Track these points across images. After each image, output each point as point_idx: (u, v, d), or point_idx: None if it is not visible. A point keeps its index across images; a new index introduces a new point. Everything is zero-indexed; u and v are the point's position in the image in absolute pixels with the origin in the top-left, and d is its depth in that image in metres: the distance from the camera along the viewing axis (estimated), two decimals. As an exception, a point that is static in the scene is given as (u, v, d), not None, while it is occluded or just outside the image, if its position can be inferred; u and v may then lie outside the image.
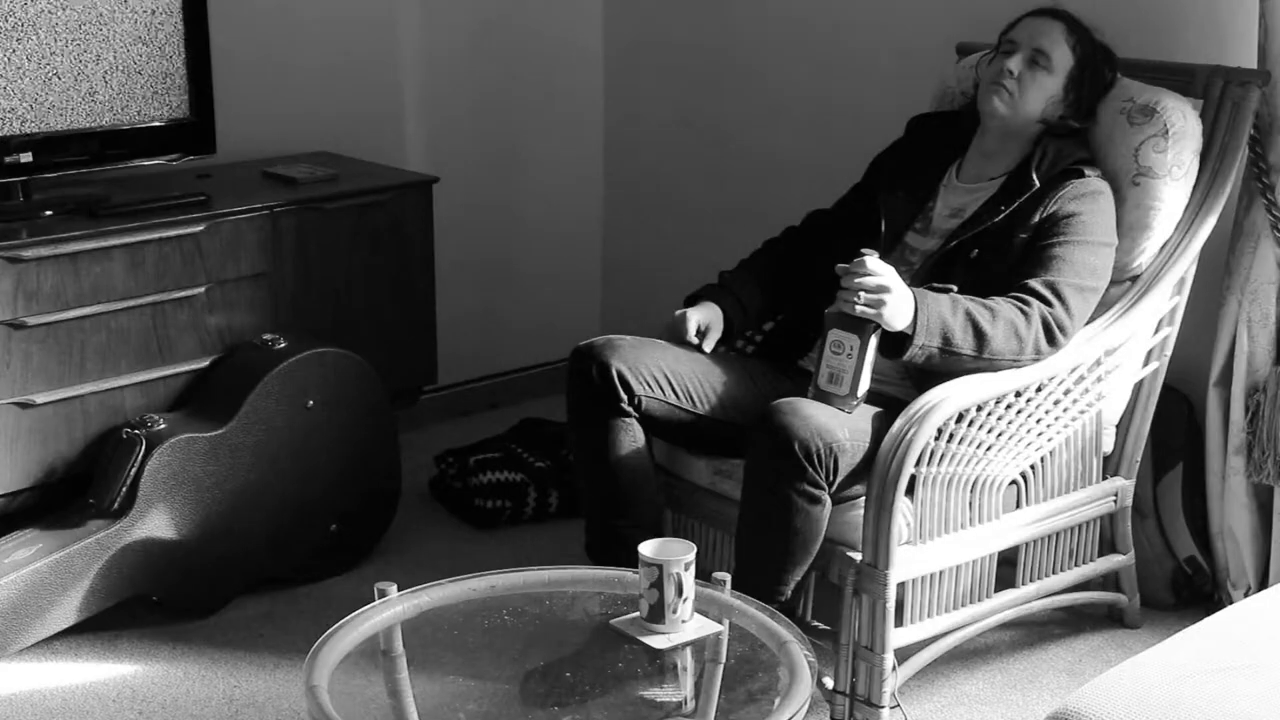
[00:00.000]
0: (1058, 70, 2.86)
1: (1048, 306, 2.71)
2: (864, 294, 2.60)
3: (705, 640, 2.21)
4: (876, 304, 2.60)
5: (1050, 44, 2.86)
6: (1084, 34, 2.90)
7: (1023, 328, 2.69)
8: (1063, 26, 2.89)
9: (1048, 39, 2.87)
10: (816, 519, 2.59)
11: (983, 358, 2.67)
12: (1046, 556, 2.93)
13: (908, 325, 2.63)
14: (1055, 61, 2.86)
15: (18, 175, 3.10)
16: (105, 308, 3.07)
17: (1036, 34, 2.88)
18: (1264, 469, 3.01)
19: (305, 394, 3.20)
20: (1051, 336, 2.71)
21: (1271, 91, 2.92)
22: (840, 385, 2.62)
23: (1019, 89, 2.86)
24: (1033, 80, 2.86)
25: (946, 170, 3.00)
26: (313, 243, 3.38)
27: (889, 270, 2.63)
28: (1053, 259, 2.75)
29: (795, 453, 2.54)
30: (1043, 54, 2.86)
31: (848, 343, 2.62)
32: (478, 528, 3.58)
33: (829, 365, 2.63)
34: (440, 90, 4.02)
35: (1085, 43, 2.90)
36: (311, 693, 2.00)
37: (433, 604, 2.26)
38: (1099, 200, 2.82)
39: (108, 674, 2.94)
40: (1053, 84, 2.87)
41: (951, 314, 2.66)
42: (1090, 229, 2.78)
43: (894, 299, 2.60)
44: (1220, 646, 1.99)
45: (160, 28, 3.21)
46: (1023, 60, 2.86)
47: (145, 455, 3.00)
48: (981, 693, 2.91)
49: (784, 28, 3.94)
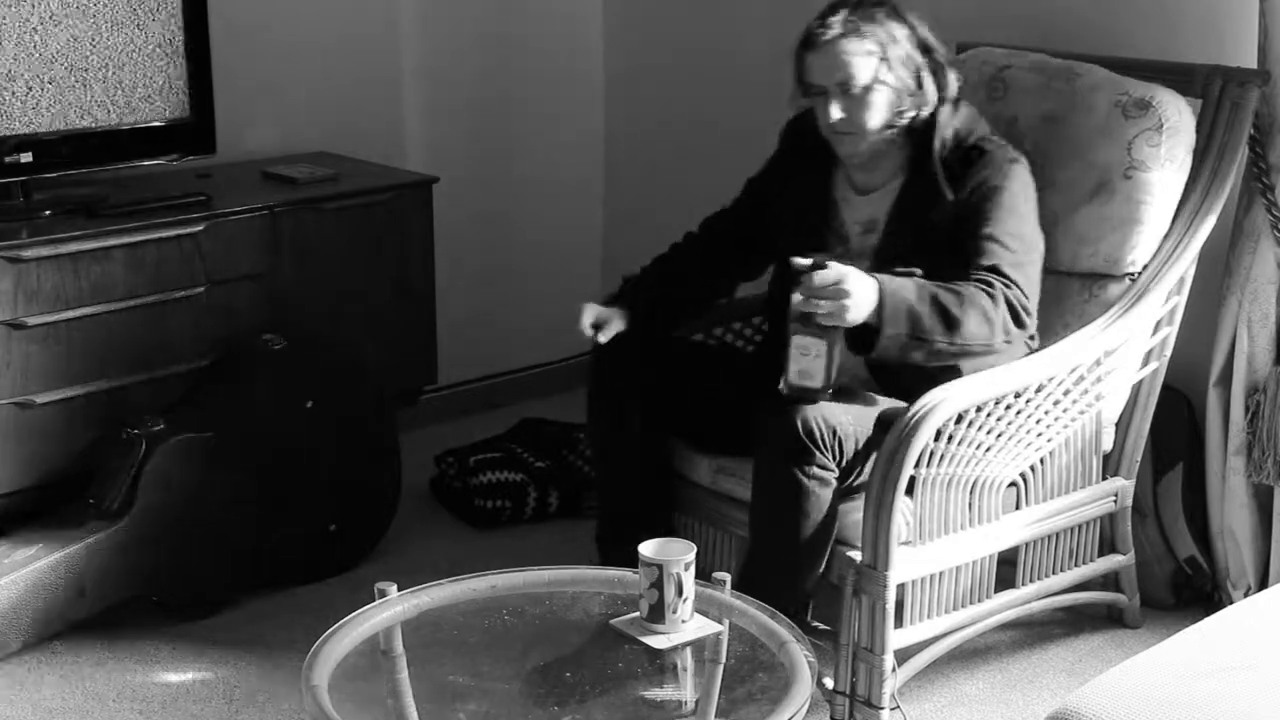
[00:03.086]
0: (875, 82, 2.68)
1: (1008, 288, 2.64)
2: (824, 303, 2.53)
3: (705, 640, 2.20)
4: (838, 310, 2.53)
5: (848, 70, 2.67)
6: (870, 28, 2.68)
7: (991, 310, 2.61)
8: (844, 44, 2.67)
9: (842, 69, 2.67)
10: (826, 500, 2.60)
11: (954, 344, 2.59)
12: (1046, 557, 2.93)
13: (872, 317, 2.56)
14: (866, 78, 2.67)
15: (18, 175, 3.11)
16: (105, 308, 3.07)
17: (830, 70, 2.68)
18: (1264, 469, 3.01)
19: (305, 394, 3.20)
20: (1018, 318, 2.64)
21: (1271, 91, 2.92)
22: (813, 380, 2.60)
23: (854, 124, 2.70)
24: (860, 107, 2.69)
25: (831, 181, 2.87)
26: (313, 243, 3.38)
27: (847, 271, 2.55)
28: (987, 241, 2.66)
29: (800, 436, 2.56)
30: (848, 83, 2.67)
31: (813, 347, 2.59)
32: (478, 528, 3.58)
33: (798, 365, 2.60)
34: (440, 90, 4.02)
35: (878, 37, 2.68)
36: (311, 693, 2.00)
37: (433, 604, 2.26)
38: (1013, 169, 2.72)
39: (108, 674, 2.94)
40: (880, 95, 2.69)
41: (918, 300, 2.58)
42: (1013, 202, 2.69)
43: (855, 300, 2.53)
44: (1220, 646, 2.00)
45: (160, 28, 3.21)
46: (837, 101, 2.69)
47: (145, 455, 3.00)
48: (981, 693, 2.91)
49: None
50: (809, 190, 2.88)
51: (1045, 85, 3.03)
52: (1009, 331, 2.64)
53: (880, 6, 2.72)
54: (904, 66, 2.70)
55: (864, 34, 2.67)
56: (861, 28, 2.67)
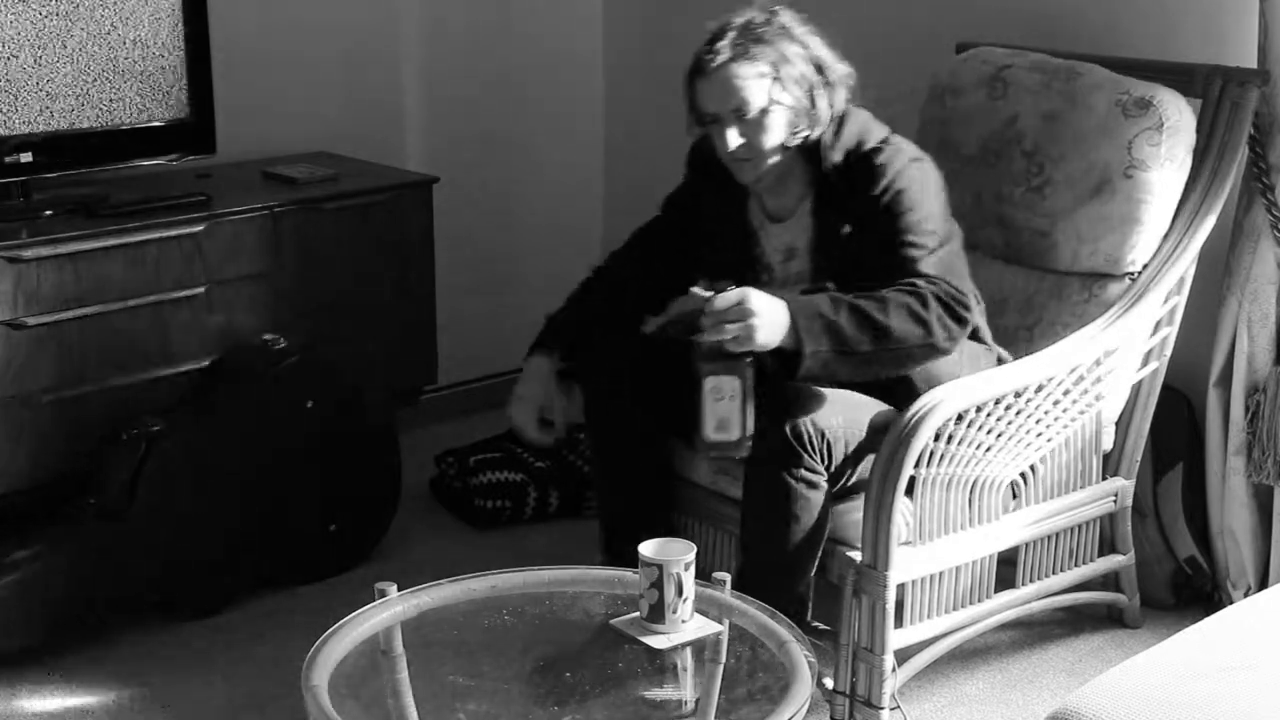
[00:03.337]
0: (770, 104, 2.60)
1: (932, 285, 2.56)
2: (729, 327, 2.44)
3: (705, 640, 2.21)
4: (746, 332, 2.44)
5: (741, 95, 2.58)
6: (760, 50, 2.60)
7: (919, 308, 2.52)
8: (735, 68, 2.58)
9: (735, 95, 2.58)
10: (815, 503, 2.59)
11: (888, 350, 2.52)
12: (1046, 557, 2.93)
13: (789, 339, 2.48)
14: (761, 101, 2.59)
15: (18, 175, 3.10)
16: (105, 308, 3.07)
17: (723, 97, 2.59)
18: (1264, 469, 3.01)
19: (305, 394, 3.20)
20: (955, 313, 2.56)
21: (1271, 91, 2.92)
22: (730, 430, 2.47)
23: (753, 149, 2.62)
24: (757, 131, 2.61)
25: (746, 211, 2.79)
26: (313, 243, 3.38)
27: (748, 291, 2.47)
28: (901, 248, 2.59)
29: (788, 439, 2.54)
30: (743, 108, 2.59)
31: (727, 386, 2.45)
32: (478, 528, 3.58)
33: (713, 414, 2.47)
34: (440, 91, 4.02)
35: (769, 58, 2.60)
36: (311, 693, 2.00)
37: (433, 604, 2.26)
38: (912, 169, 2.64)
39: (108, 674, 2.94)
40: (777, 118, 2.61)
41: (833, 311, 2.50)
42: (918, 199, 2.61)
43: (763, 320, 2.45)
44: (1220, 646, 2.00)
45: (160, 28, 3.21)
46: (733, 128, 2.60)
47: (145, 455, 3.00)
48: (981, 693, 2.91)
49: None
50: (725, 222, 2.81)
51: (1046, 84, 3.03)
52: (949, 328, 2.56)
53: (769, 25, 2.63)
54: (798, 86, 2.61)
55: (754, 56, 2.59)
56: (751, 50, 2.59)
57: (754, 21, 2.63)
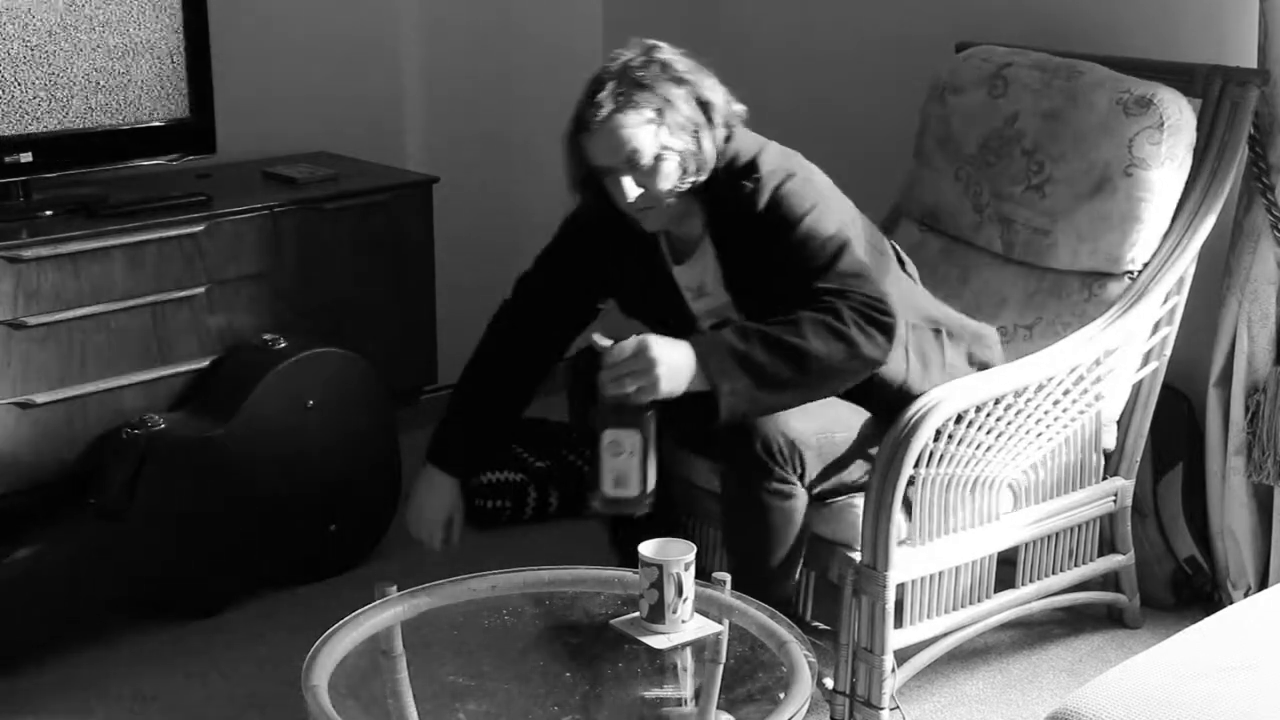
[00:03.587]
0: (662, 149, 2.52)
1: (843, 298, 2.48)
2: (631, 378, 2.36)
3: (705, 640, 2.21)
4: (649, 380, 2.36)
5: (632, 144, 2.51)
6: (642, 96, 2.52)
7: (836, 323, 2.45)
8: (620, 119, 2.51)
9: (625, 145, 2.51)
10: (791, 514, 2.59)
11: (813, 372, 2.44)
12: (1046, 556, 2.93)
13: (698, 380, 2.41)
14: (652, 148, 2.52)
15: (18, 175, 3.10)
16: (105, 308, 3.07)
17: (614, 150, 2.52)
18: (1264, 469, 3.01)
19: (305, 394, 3.20)
20: (874, 319, 2.48)
21: (1271, 91, 2.92)
22: (628, 487, 2.34)
23: (652, 197, 2.55)
24: (653, 179, 2.53)
25: (658, 254, 2.73)
26: (313, 243, 3.38)
27: (646, 338, 2.39)
28: (797, 270, 2.53)
29: (758, 452, 2.53)
30: (635, 159, 2.51)
31: (627, 441, 2.33)
32: (478, 528, 3.58)
33: (612, 470, 2.33)
34: (440, 91, 4.02)
35: (653, 104, 2.52)
36: (311, 693, 2.00)
37: (433, 604, 2.26)
38: (786, 185, 2.56)
39: (108, 674, 2.94)
40: (670, 163, 2.53)
41: (743, 343, 2.43)
42: (804, 215, 2.54)
43: (666, 367, 2.37)
44: (1220, 646, 2.00)
45: (160, 28, 3.21)
46: (629, 178, 2.53)
47: (145, 455, 3.00)
48: (981, 693, 2.91)
49: (783, 28, 3.94)
50: (639, 268, 2.73)
51: (1046, 83, 3.03)
52: (872, 335, 2.48)
53: (648, 68, 2.55)
54: (683, 131, 2.53)
55: (639, 104, 2.52)
56: (634, 98, 2.52)
57: (632, 65, 2.56)
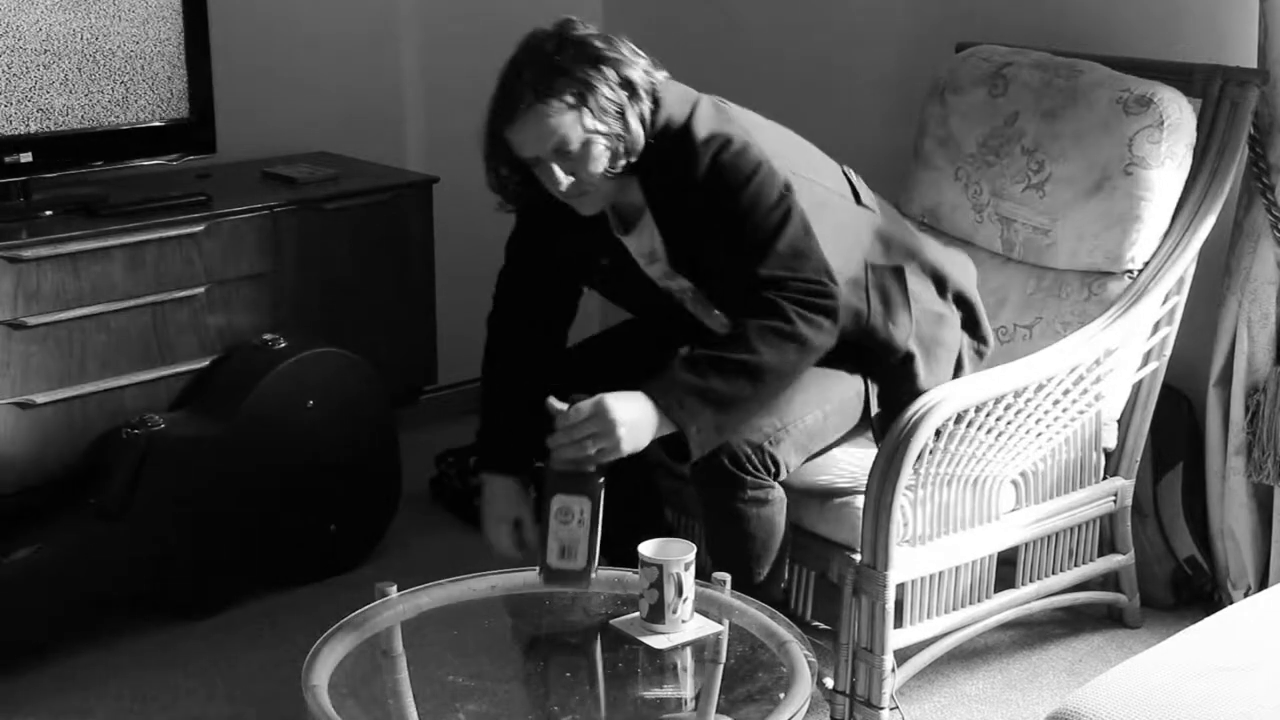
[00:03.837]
0: (589, 136, 2.44)
1: (782, 289, 2.45)
2: (592, 441, 2.28)
3: (705, 640, 2.21)
4: (611, 442, 2.30)
5: (558, 132, 2.42)
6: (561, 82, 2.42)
7: (783, 325, 2.43)
8: (542, 108, 2.41)
9: (551, 134, 2.42)
10: (769, 517, 2.58)
11: (769, 383, 2.44)
12: (1046, 556, 2.93)
13: (663, 426, 2.37)
14: (578, 136, 2.43)
15: (18, 175, 3.10)
16: (105, 308, 3.07)
17: (539, 139, 2.44)
18: (1264, 469, 3.01)
19: (305, 394, 3.20)
20: (818, 306, 2.46)
21: (1271, 91, 2.92)
22: (575, 559, 2.24)
23: (585, 183, 2.48)
24: (583, 163, 2.45)
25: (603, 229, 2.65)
26: (313, 243, 3.38)
27: (602, 398, 2.32)
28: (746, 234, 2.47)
29: (727, 467, 2.51)
30: (562, 147, 2.43)
31: (576, 507, 2.23)
32: (478, 528, 3.57)
33: (559, 538, 2.23)
34: (440, 90, 4.02)
35: (573, 88, 2.43)
36: (311, 693, 2.00)
37: (433, 604, 2.26)
38: (730, 147, 2.49)
39: (108, 674, 2.94)
40: (599, 146, 2.45)
41: (699, 377, 2.39)
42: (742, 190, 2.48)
43: (628, 425, 2.31)
44: (1220, 646, 2.00)
45: (160, 28, 3.21)
46: (559, 166, 2.46)
47: (145, 455, 3.00)
48: (981, 693, 2.91)
49: (784, 27, 3.94)
50: (593, 241, 2.67)
51: (1046, 82, 3.03)
52: (818, 323, 2.47)
53: (563, 51, 2.46)
54: (606, 113, 2.44)
55: (558, 90, 2.42)
56: (554, 84, 2.42)
57: (546, 50, 2.46)
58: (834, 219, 2.64)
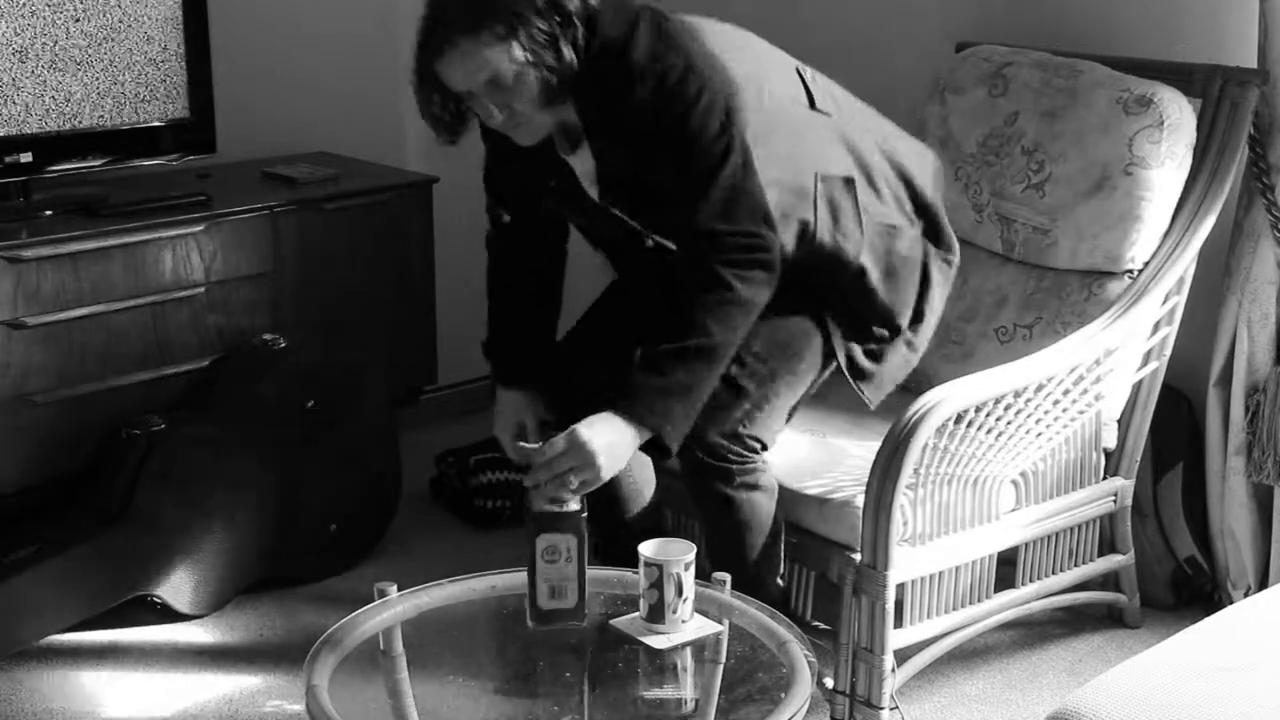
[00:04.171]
0: (520, 69, 2.33)
1: (720, 249, 2.40)
2: (573, 474, 2.25)
3: (705, 640, 2.21)
4: (592, 472, 2.28)
5: (489, 66, 2.32)
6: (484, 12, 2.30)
7: (726, 292, 2.40)
8: (471, 43, 2.31)
9: (483, 67, 2.32)
10: (764, 502, 2.59)
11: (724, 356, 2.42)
12: (1046, 556, 2.93)
13: (640, 436, 2.35)
14: (507, 69, 2.32)
15: (18, 175, 3.10)
16: (105, 308, 3.07)
17: (470, 74, 2.34)
18: (1264, 469, 3.01)
19: (305, 394, 3.20)
20: (757, 262, 2.43)
21: (1271, 91, 2.92)
22: (566, 598, 2.21)
23: (521, 114, 2.39)
24: (518, 95, 2.36)
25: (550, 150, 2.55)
26: (313, 243, 3.38)
27: (575, 429, 2.29)
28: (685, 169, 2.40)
29: (710, 462, 2.52)
30: (494, 80, 2.34)
31: (563, 545, 2.20)
32: (478, 528, 3.58)
33: (547, 579, 2.20)
34: (440, 90, 4.01)
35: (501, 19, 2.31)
36: (311, 693, 2.00)
37: (433, 604, 2.26)
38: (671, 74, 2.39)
39: (108, 674, 2.94)
40: (530, 78, 2.34)
41: (659, 375, 2.37)
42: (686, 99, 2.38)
43: (605, 453, 2.29)
44: (1220, 646, 1.99)
45: (160, 28, 3.21)
46: (492, 100, 2.37)
47: (145, 455, 3.00)
48: (981, 693, 2.91)
49: (784, 28, 3.93)
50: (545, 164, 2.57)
51: (1046, 82, 3.03)
52: (755, 279, 2.42)
53: None
54: (535, 43, 2.32)
55: (487, 21, 2.31)
56: (481, 17, 2.31)
57: None
58: (785, 127, 2.56)
